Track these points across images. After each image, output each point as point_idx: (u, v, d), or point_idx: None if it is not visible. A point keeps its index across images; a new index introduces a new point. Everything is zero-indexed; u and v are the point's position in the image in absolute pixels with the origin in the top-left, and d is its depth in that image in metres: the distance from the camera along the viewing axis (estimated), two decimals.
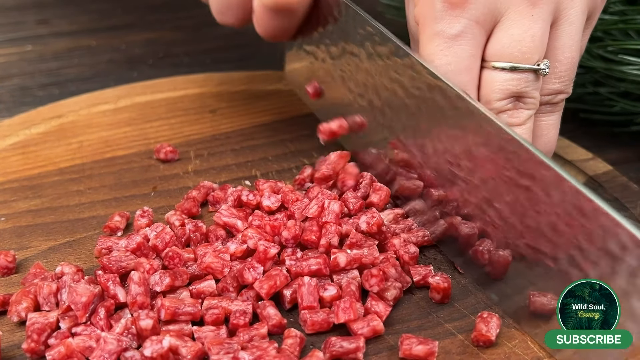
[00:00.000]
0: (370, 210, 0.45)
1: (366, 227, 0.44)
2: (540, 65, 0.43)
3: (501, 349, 0.39)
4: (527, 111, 0.43)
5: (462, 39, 0.42)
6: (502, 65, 0.42)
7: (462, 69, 0.42)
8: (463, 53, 0.42)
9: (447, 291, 0.42)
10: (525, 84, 0.43)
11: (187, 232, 0.46)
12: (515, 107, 0.43)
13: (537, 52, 0.42)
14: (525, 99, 0.43)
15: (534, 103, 0.44)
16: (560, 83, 0.45)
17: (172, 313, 0.39)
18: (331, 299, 0.40)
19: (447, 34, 0.42)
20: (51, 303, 0.40)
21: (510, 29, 0.42)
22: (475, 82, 0.43)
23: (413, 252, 0.44)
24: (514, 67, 0.42)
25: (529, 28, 0.42)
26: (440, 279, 0.42)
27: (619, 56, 0.57)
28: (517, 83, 0.42)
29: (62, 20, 0.86)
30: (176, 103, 0.64)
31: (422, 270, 0.43)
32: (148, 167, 0.55)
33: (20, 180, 0.53)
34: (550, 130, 0.46)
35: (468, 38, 0.42)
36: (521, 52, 0.42)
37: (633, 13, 0.57)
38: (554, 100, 0.45)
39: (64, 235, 0.48)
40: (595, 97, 0.62)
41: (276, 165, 0.55)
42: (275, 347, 0.37)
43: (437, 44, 0.43)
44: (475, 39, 0.42)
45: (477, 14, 0.42)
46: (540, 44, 0.42)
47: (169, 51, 0.79)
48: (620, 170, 0.55)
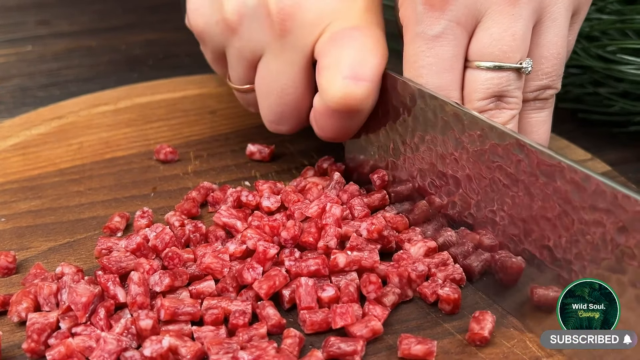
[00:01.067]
0: (373, 216, 0.44)
1: (367, 234, 0.44)
2: (522, 64, 0.43)
3: (499, 349, 0.39)
4: (509, 111, 0.44)
5: (442, 40, 0.43)
6: (484, 64, 0.43)
7: (444, 69, 0.43)
8: (444, 54, 0.43)
9: (457, 302, 0.41)
10: (506, 82, 0.43)
11: (186, 233, 0.46)
12: (497, 107, 0.43)
13: (518, 50, 0.42)
14: (507, 98, 0.43)
15: (517, 102, 0.44)
16: (547, 79, 0.45)
17: (172, 313, 0.39)
18: (329, 300, 0.40)
19: (428, 35, 0.43)
20: (51, 303, 0.40)
21: (490, 29, 0.42)
22: (458, 82, 0.44)
23: (421, 271, 0.42)
24: (497, 67, 0.42)
25: (509, 27, 0.42)
26: (449, 290, 0.41)
27: (618, 56, 0.57)
28: (498, 82, 0.43)
29: (62, 21, 0.86)
30: (176, 104, 0.64)
31: (432, 287, 0.42)
32: (148, 168, 0.55)
33: (21, 181, 0.53)
34: (541, 126, 0.46)
35: (449, 39, 0.43)
36: (502, 50, 0.42)
37: (631, 13, 0.57)
38: (542, 96, 0.46)
39: (64, 235, 0.48)
40: (593, 97, 0.62)
41: (276, 166, 0.55)
42: (274, 347, 0.37)
43: (419, 45, 0.43)
44: (456, 39, 0.43)
45: (458, 15, 0.42)
46: (521, 42, 0.42)
47: (169, 52, 0.79)
48: (619, 171, 0.55)
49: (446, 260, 0.44)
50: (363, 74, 0.44)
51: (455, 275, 0.43)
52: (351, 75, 0.44)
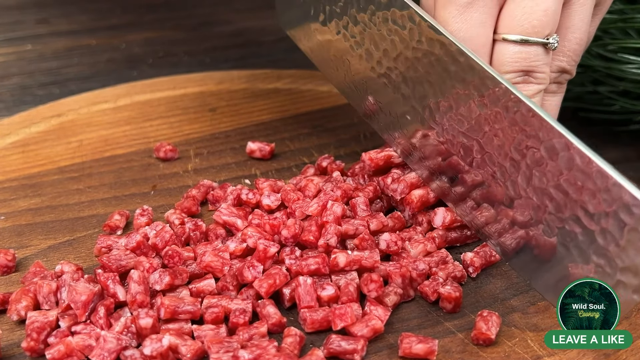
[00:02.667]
0: (395, 234, 0.44)
1: (385, 247, 0.44)
2: (549, 40, 0.43)
3: (501, 348, 0.39)
4: (536, 86, 0.44)
5: (474, 7, 0.43)
6: (512, 37, 0.43)
7: (472, 35, 0.43)
8: (474, 20, 0.43)
9: (458, 300, 0.41)
10: (535, 57, 0.43)
11: (186, 231, 0.46)
12: (524, 81, 0.44)
13: (548, 26, 0.43)
14: (535, 73, 0.43)
15: (544, 78, 0.44)
16: (567, 62, 0.45)
17: (172, 312, 0.39)
18: (329, 299, 0.40)
19: (460, 1, 0.43)
20: (51, 302, 0.40)
21: (523, 1, 0.43)
22: (486, 50, 0.44)
23: (422, 270, 0.42)
24: (524, 40, 0.43)
25: (542, 1, 0.42)
26: (451, 288, 0.41)
27: (619, 55, 0.57)
28: (526, 56, 0.43)
29: (62, 20, 0.86)
30: (176, 102, 0.64)
31: (432, 286, 0.42)
32: (148, 166, 0.55)
33: (20, 179, 0.53)
34: (551, 110, 0.47)
35: (480, 5, 0.43)
36: (532, 25, 0.42)
37: (632, 12, 0.57)
38: (558, 79, 0.46)
39: (63, 234, 0.48)
40: (594, 96, 0.62)
41: (276, 164, 0.55)
42: (274, 346, 0.37)
43: (450, 11, 0.43)
44: (487, 6, 0.43)
45: None
46: (552, 18, 0.43)
47: (169, 50, 0.79)
48: (620, 170, 0.54)
49: (445, 258, 0.44)
50: None
51: (455, 273, 0.43)
52: None
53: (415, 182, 0.47)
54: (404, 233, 0.46)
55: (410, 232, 0.46)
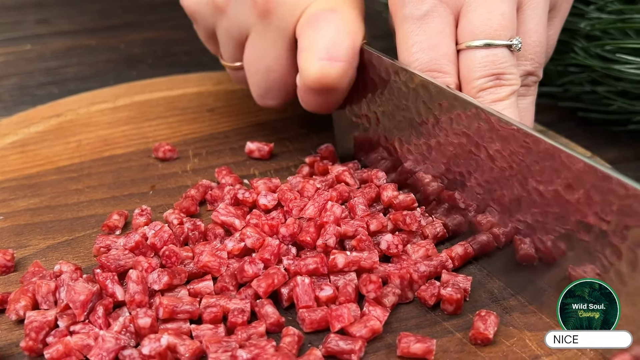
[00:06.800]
0: (398, 236, 0.44)
1: (386, 247, 0.44)
2: (513, 41, 0.44)
3: (499, 347, 0.39)
4: (509, 87, 0.45)
5: (428, 17, 0.45)
6: (476, 43, 0.44)
7: (433, 44, 0.45)
8: (431, 30, 0.45)
9: (460, 302, 0.41)
10: (502, 59, 0.44)
11: (185, 231, 0.46)
12: (496, 85, 0.44)
13: (508, 28, 0.44)
14: (505, 75, 0.44)
15: (515, 79, 0.45)
16: (531, 65, 0.47)
17: (170, 311, 0.39)
18: (327, 300, 0.40)
19: (416, 15, 0.45)
20: (49, 301, 0.40)
21: (477, 9, 0.44)
22: (450, 56, 0.45)
23: (422, 272, 0.42)
24: (488, 44, 0.44)
25: (497, 7, 0.44)
26: (452, 290, 0.41)
27: (617, 55, 0.57)
28: (493, 59, 0.44)
29: (61, 20, 0.86)
30: (175, 102, 0.64)
31: (430, 290, 0.42)
32: (147, 166, 0.55)
33: (19, 179, 0.53)
34: (525, 113, 0.48)
35: (434, 16, 0.45)
36: (493, 28, 0.44)
37: (631, 12, 0.57)
38: (525, 82, 0.47)
39: (62, 233, 0.48)
40: (593, 96, 0.62)
41: (275, 164, 0.55)
42: (273, 346, 0.37)
43: (407, 26, 0.45)
44: (441, 16, 0.45)
45: None
46: (510, 21, 0.44)
47: (168, 50, 0.79)
48: (618, 169, 0.54)
49: (445, 263, 0.44)
50: (338, 55, 0.46)
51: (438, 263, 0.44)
52: (326, 56, 0.46)
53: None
54: (403, 235, 0.46)
55: (411, 235, 0.46)
